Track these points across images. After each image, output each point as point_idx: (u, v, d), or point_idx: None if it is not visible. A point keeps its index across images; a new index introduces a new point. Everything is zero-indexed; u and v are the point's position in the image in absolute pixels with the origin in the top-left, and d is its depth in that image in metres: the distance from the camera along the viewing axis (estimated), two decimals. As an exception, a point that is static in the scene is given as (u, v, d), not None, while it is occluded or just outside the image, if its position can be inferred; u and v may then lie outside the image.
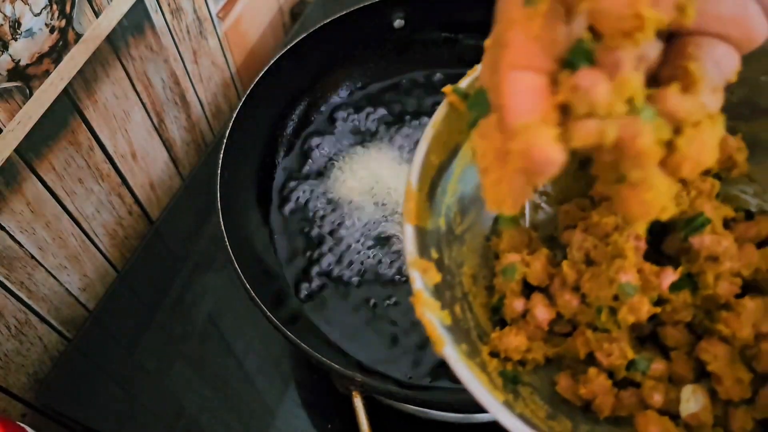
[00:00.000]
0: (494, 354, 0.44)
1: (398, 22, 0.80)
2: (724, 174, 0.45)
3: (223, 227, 0.62)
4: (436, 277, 0.41)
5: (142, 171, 0.79)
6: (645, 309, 0.40)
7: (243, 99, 0.70)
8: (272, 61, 0.73)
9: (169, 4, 0.75)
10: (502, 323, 0.46)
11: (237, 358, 0.70)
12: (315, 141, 0.78)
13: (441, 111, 0.44)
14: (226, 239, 0.61)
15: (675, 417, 0.40)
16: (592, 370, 0.42)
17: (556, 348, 0.44)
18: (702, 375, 0.42)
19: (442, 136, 0.44)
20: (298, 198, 0.74)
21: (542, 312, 0.44)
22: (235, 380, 0.69)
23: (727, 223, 0.44)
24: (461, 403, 0.59)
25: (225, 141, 0.68)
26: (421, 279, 0.40)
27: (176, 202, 0.83)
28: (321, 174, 0.75)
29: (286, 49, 0.74)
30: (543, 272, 0.45)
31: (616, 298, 0.41)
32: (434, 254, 0.43)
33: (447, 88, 0.43)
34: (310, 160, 0.77)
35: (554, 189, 0.49)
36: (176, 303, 0.75)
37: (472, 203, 0.47)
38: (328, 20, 0.75)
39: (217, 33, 0.86)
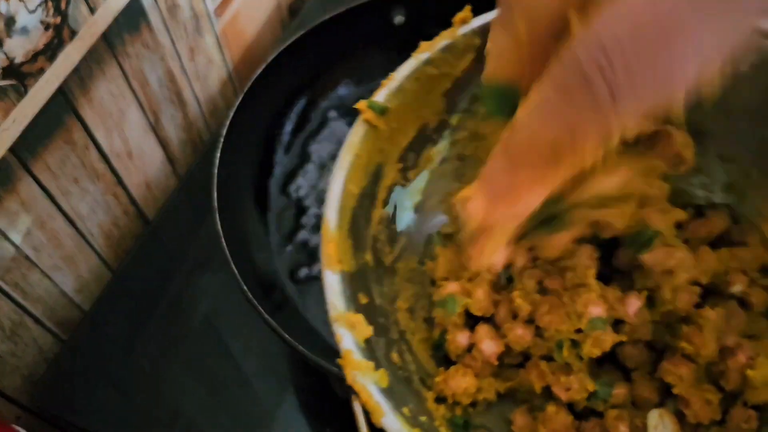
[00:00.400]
0: (441, 399, 0.40)
1: (398, 19, 0.79)
2: (672, 171, 0.42)
3: (219, 227, 0.62)
4: (366, 330, 0.37)
5: (138, 170, 0.79)
6: (610, 339, 0.38)
7: (240, 97, 0.70)
8: (270, 59, 0.72)
9: (165, 1, 0.74)
10: (446, 360, 0.42)
11: (234, 360, 0.70)
12: (313, 139, 0.77)
13: (356, 131, 0.41)
14: (222, 239, 0.61)
15: None
16: (551, 408, 0.39)
17: (508, 383, 0.41)
18: (668, 395, 0.39)
19: (361, 160, 0.41)
20: (296, 197, 0.73)
21: (490, 346, 0.40)
22: (233, 383, 0.69)
23: (678, 224, 0.41)
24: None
25: (222, 140, 0.67)
26: (350, 336, 0.36)
27: (172, 202, 0.82)
28: (320, 173, 0.75)
29: (284, 46, 0.73)
30: (487, 301, 0.41)
31: (578, 330, 0.38)
32: (363, 299, 0.39)
33: (361, 104, 0.41)
34: (308, 159, 0.76)
35: None
36: (173, 304, 0.74)
37: (401, 227, 0.44)
38: (328, 17, 0.75)
39: (214, 30, 0.85)
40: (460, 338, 0.41)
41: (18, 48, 0.58)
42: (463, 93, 0.44)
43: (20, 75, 0.59)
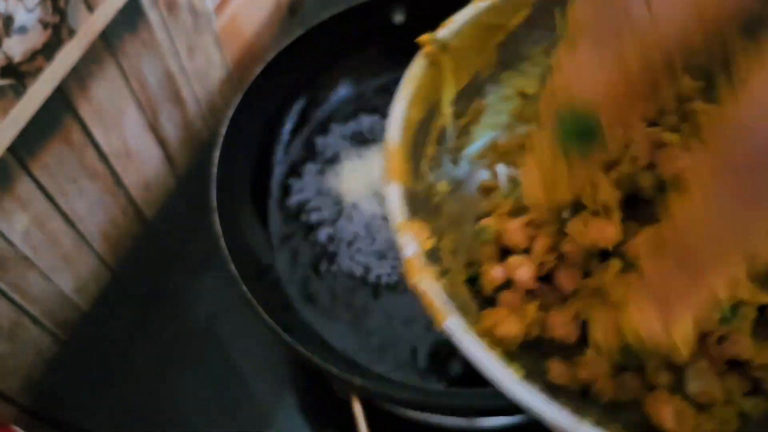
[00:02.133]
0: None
1: (398, 19, 0.79)
2: None
3: (219, 227, 0.62)
4: (429, 241, 0.37)
5: (136, 170, 0.78)
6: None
7: (240, 96, 0.70)
8: (270, 58, 0.72)
9: None
10: (483, 305, 0.41)
11: (234, 360, 0.70)
12: (313, 139, 0.77)
13: (417, 64, 0.41)
14: (221, 239, 0.61)
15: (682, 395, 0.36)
16: (590, 353, 0.37)
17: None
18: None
19: (420, 91, 0.41)
20: (295, 197, 0.73)
21: (524, 271, 0.38)
22: (232, 383, 0.68)
23: None
24: (462, 408, 0.58)
25: (221, 139, 0.67)
26: (413, 243, 0.35)
27: (171, 202, 0.82)
28: (320, 173, 0.74)
29: (284, 46, 0.73)
30: (521, 232, 0.40)
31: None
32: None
33: (424, 37, 0.41)
34: (308, 159, 0.76)
35: None
36: (172, 304, 0.74)
37: (451, 168, 0.44)
38: (327, 16, 0.75)
39: (213, 29, 0.85)
40: (495, 271, 0.39)
41: (16, 47, 0.58)
42: (514, 48, 0.44)
43: (18, 74, 0.59)
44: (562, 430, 0.31)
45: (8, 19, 0.56)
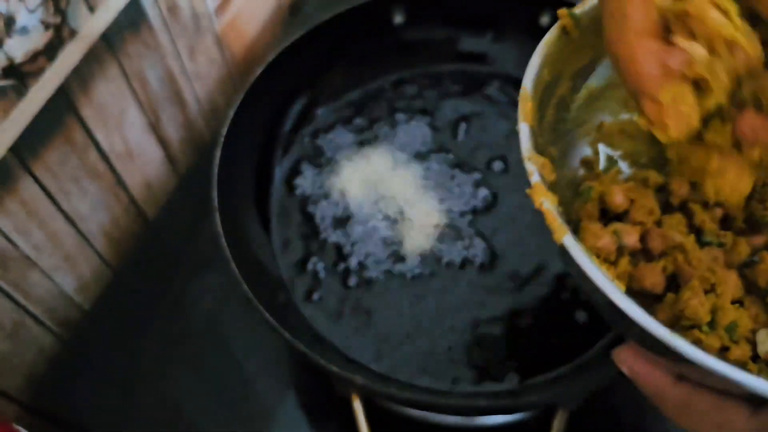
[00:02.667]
0: None
1: (398, 19, 0.80)
2: None
3: (220, 226, 0.62)
4: (551, 175, 0.42)
5: (138, 170, 0.79)
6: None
7: (241, 96, 0.70)
8: (270, 58, 0.72)
9: (165, 0, 0.74)
10: None
11: (235, 359, 0.70)
12: (314, 139, 0.77)
13: (552, 32, 0.46)
14: (223, 239, 0.61)
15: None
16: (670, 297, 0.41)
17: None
18: None
19: (550, 57, 0.46)
20: (296, 197, 0.73)
21: (632, 238, 0.43)
22: (234, 382, 0.69)
23: None
24: (462, 407, 0.58)
25: (222, 139, 0.67)
26: (539, 173, 0.41)
27: (173, 202, 0.82)
28: (321, 172, 0.75)
29: (284, 46, 0.73)
30: (623, 195, 0.44)
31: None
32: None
33: (562, 10, 0.46)
34: (309, 159, 0.76)
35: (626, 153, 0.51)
36: (173, 303, 0.74)
37: (564, 134, 0.49)
38: (328, 17, 0.75)
39: (214, 29, 0.85)
40: (603, 241, 0.42)
41: (18, 48, 0.58)
42: None
43: (20, 75, 0.59)
44: (658, 338, 0.34)
45: (10, 20, 0.56)
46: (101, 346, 0.73)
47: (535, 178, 0.41)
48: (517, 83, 0.80)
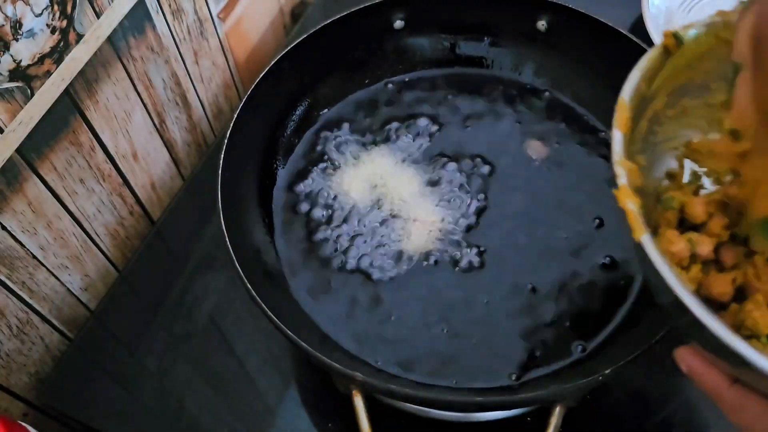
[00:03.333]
0: None
1: (398, 23, 0.80)
2: None
3: (224, 227, 0.62)
4: (637, 180, 0.45)
5: (143, 171, 0.80)
6: None
7: (244, 100, 0.70)
8: (273, 62, 0.73)
9: (170, 5, 0.75)
10: None
11: (238, 357, 0.71)
12: (316, 142, 0.78)
13: (654, 50, 0.48)
14: (227, 239, 0.61)
15: None
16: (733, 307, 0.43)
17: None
18: None
19: (651, 72, 0.49)
20: (299, 198, 0.74)
21: (706, 247, 0.45)
22: (236, 380, 0.69)
23: None
24: (462, 403, 0.59)
25: (226, 141, 0.68)
26: (626, 177, 0.44)
27: (177, 203, 0.83)
28: (323, 174, 0.75)
29: (286, 50, 0.74)
30: (703, 207, 0.47)
31: None
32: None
33: (667, 31, 0.48)
34: (311, 161, 0.77)
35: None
36: (177, 303, 0.75)
37: (653, 145, 0.52)
38: (329, 21, 0.75)
39: (218, 34, 0.86)
40: (678, 247, 0.45)
41: (24, 51, 0.59)
42: (734, 66, 0.47)
43: (27, 77, 0.60)
44: (721, 338, 0.36)
45: (17, 24, 0.57)
46: (106, 344, 0.74)
47: (622, 180, 0.44)
48: (514, 86, 0.82)
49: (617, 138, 0.46)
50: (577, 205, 0.71)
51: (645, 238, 0.41)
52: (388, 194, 0.73)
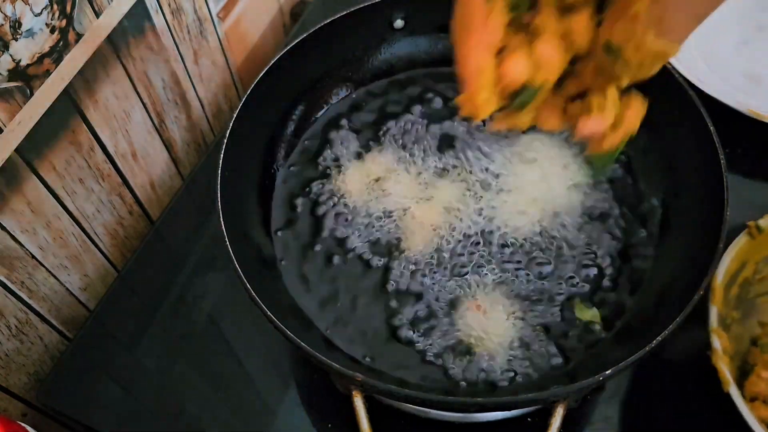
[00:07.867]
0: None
1: (398, 23, 0.80)
2: None
3: (223, 227, 0.62)
4: (727, 345, 0.62)
5: (142, 171, 0.80)
6: None
7: (243, 99, 0.70)
8: (272, 62, 0.73)
9: (169, 4, 0.75)
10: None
11: (237, 357, 0.71)
12: (316, 141, 0.78)
13: (741, 237, 0.66)
14: (226, 239, 0.61)
15: None
16: None
17: None
18: None
19: (739, 253, 0.66)
20: (298, 198, 0.74)
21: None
22: (236, 380, 0.69)
23: None
24: (461, 403, 0.59)
25: (225, 141, 0.68)
26: (720, 345, 0.60)
27: (177, 202, 0.83)
28: (322, 174, 0.75)
29: (286, 50, 0.74)
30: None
31: None
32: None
33: (751, 223, 0.67)
34: (310, 161, 0.77)
35: None
36: (177, 303, 0.75)
37: (746, 301, 0.69)
38: (328, 20, 0.75)
39: (217, 33, 0.86)
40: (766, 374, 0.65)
41: (24, 50, 0.59)
42: None
43: (26, 77, 0.60)
44: None
45: (16, 23, 0.57)
46: (106, 344, 0.74)
47: (715, 345, 0.60)
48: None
49: (713, 312, 0.62)
50: (577, 201, 0.71)
51: (732, 390, 0.57)
52: (388, 193, 0.73)
